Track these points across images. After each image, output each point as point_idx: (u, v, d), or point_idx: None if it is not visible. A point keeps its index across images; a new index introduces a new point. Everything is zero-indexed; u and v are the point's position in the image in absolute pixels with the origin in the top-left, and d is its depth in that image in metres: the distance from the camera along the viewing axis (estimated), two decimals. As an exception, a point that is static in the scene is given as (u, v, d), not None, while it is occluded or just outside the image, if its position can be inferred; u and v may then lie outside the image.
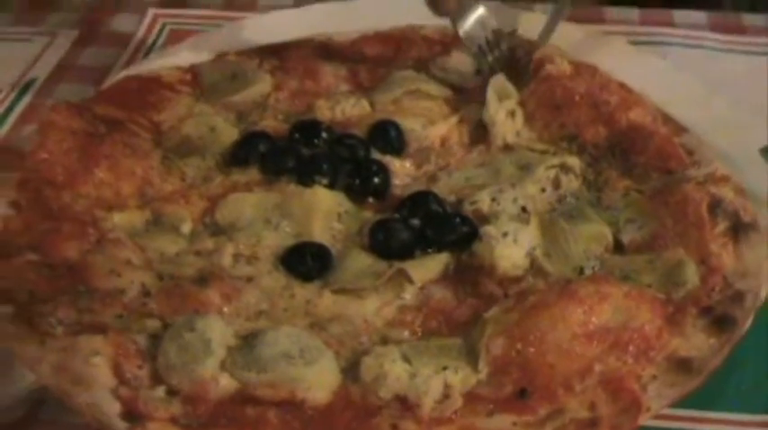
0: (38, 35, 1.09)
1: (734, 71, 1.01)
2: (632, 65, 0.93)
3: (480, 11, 0.91)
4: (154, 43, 1.07)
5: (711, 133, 0.83)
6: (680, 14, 1.11)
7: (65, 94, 0.96)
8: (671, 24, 1.09)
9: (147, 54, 1.04)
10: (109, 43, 1.08)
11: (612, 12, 1.11)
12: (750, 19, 1.10)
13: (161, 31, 1.09)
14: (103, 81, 0.96)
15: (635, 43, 1.01)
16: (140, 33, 1.09)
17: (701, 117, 0.85)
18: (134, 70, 0.94)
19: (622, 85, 0.88)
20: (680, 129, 0.84)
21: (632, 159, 0.81)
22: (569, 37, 0.94)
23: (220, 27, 1.04)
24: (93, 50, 1.07)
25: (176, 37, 1.06)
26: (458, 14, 0.90)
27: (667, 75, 0.93)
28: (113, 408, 0.63)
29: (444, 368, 0.65)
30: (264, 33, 0.98)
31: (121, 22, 1.12)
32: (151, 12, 1.12)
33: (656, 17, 1.10)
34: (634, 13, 1.11)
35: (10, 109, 0.98)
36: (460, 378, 0.65)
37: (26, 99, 0.99)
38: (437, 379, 0.64)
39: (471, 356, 0.66)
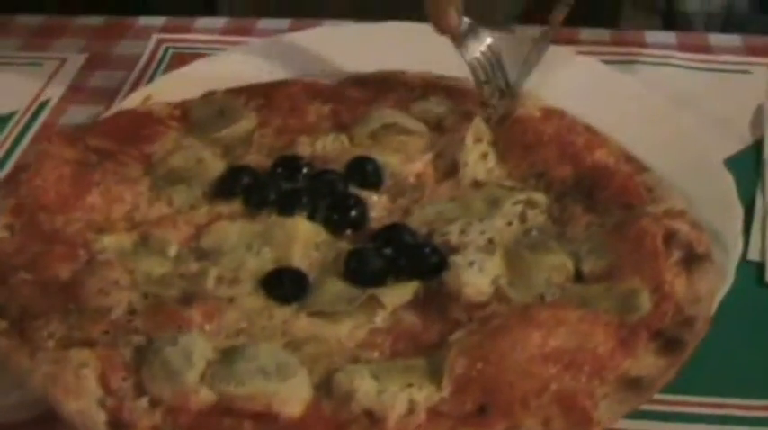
0: (48, 59, 1.15)
1: (700, 87, 1.07)
2: (602, 82, 0.99)
3: (489, 39, 0.96)
4: (158, 66, 1.13)
5: (678, 145, 0.89)
6: (651, 35, 1.18)
7: (77, 114, 1.02)
8: (642, 44, 1.15)
9: (152, 76, 1.10)
10: (116, 66, 1.14)
11: (585, 32, 1.17)
12: (716, 39, 1.17)
13: (164, 54, 1.16)
14: (113, 102, 1.02)
15: (607, 62, 1.07)
16: (145, 57, 1.15)
17: (669, 131, 0.91)
18: (129, 101, 0.99)
19: (588, 128, 0.93)
20: (641, 167, 0.89)
21: (595, 196, 0.86)
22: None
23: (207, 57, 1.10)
24: (101, 73, 1.13)
25: (179, 59, 1.12)
26: (460, 36, 0.94)
27: (636, 91, 1.00)
28: (100, 417, 0.67)
29: (409, 385, 0.69)
30: (250, 63, 1.05)
31: (127, 46, 1.18)
32: (155, 37, 1.18)
33: (628, 38, 1.17)
34: (606, 33, 1.18)
35: (25, 130, 1.03)
36: (424, 395, 0.69)
37: (40, 120, 1.05)
38: (403, 395, 0.68)
39: (435, 375, 0.70)
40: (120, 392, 0.69)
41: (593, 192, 0.86)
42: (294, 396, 0.69)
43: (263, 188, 0.88)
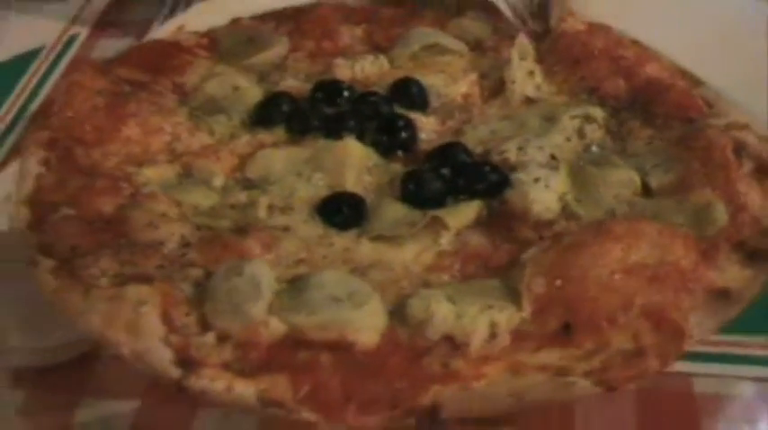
0: None
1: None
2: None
3: None
4: None
5: (745, 65, 0.86)
6: None
7: (108, 48, 0.98)
8: None
9: (186, 7, 1.04)
10: None
11: None
12: None
13: None
14: (145, 35, 0.96)
15: None
16: None
17: (736, 50, 0.89)
18: (161, 31, 0.94)
19: (636, 42, 0.90)
20: (697, 82, 0.85)
21: (653, 110, 0.82)
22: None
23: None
24: (132, 6, 1.08)
25: None
26: None
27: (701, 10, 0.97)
28: (166, 356, 0.63)
29: (489, 307, 0.65)
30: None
31: None
32: None
33: None
34: None
35: (54, 64, 0.99)
36: (506, 316, 0.65)
37: (70, 54, 1.01)
38: (483, 317, 0.65)
39: (513, 296, 0.67)
40: (185, 329, 0.65)
41: (650, 106, 0.83)
42: (369, 323, 0.65)
43: (305, 114, 0.84)
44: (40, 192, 0.75)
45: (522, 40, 0.89)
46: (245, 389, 0.62)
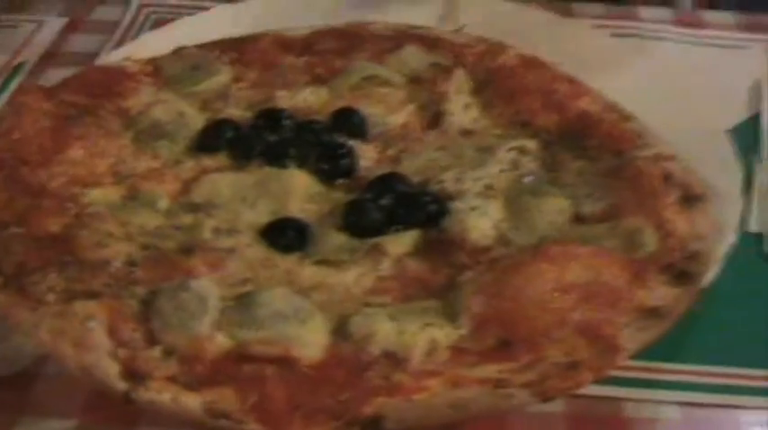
0: (25, 22, 1.13)
1: (695, 61, 1.08)
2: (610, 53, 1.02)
3: None
4: (140, 30, 1.11)
5: (677, 111, 0.90)
6: (646, 11, 1.19)
7: (55, 78, 0.97)
8: (637, 19, 1.17)
9: (135, 37, 1.08)
10: (96, 30, 1.12)
11: (577, 7, 1.18)
12: (709, 16, 1.19)
13: (146, 19, 1.14)
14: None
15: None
16: (126, 21, 1.13)
17: (668, 97, 0.93)
18: (103, 60, 0.96)
19: (570, 77, 0.93)
20: (626, 116, 0.89)
21: (584, 142, 0.85)
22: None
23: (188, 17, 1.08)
24: (80, 37, 1.11)
25: (161, 25, 1.09)
26: None
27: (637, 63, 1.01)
28: (113, 369, 0.65)
29: (428, 325, 0.68)
30: (231, 22, 1.03)
31: (108, 11, 1.17)
32: (136, 1, 1.17)
33: (622, 13, 1.18)
34: (599, 8, 1.19)
35: (0, 93, 1.00)
36: (444, 333, 0.68)
37: (16, 82, 1.02)
38: (423, 334, 0.67)
39: (452, 315, 0.69)
40: (132, 343, 0.66)
41: (581, 139, 0.86)
42: (314, 339, 0.67)
43: (248, 140, 0.86)
44: (-11, 210, 0.76)
45: (459, 74, 0.92)
46: (192, 400, 0.63)
